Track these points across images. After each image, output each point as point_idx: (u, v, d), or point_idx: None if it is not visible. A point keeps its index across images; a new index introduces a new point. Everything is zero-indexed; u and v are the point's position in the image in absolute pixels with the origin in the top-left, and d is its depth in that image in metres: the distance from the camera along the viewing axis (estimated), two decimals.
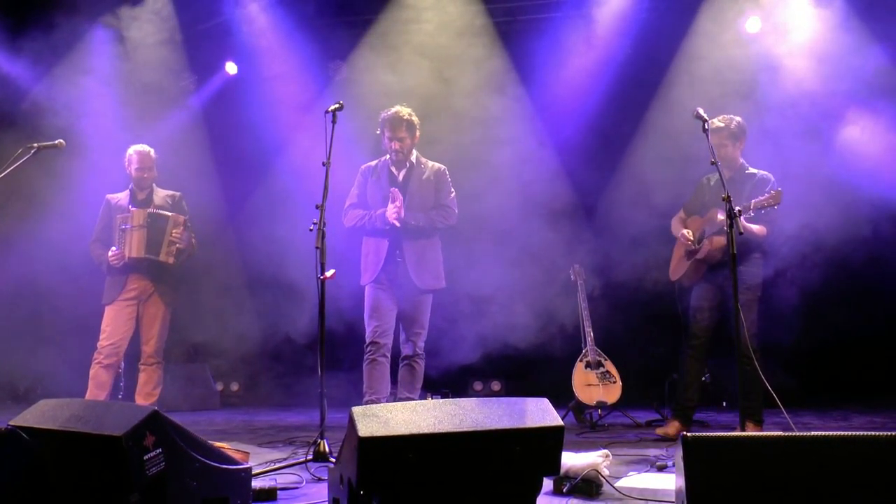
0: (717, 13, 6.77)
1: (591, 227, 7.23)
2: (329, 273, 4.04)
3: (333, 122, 4.26)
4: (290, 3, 7.46)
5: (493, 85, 7.19)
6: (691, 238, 5.04)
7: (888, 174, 6.31)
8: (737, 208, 4.50)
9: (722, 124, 4.92)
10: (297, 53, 7.57)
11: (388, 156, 4.96)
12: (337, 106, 4.32)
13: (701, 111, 4.24)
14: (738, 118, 4.98)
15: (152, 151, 5.46)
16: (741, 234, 3.92)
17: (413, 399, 4.69)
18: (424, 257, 4.88)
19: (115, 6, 7.17)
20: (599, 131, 7.23)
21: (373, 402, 4.61)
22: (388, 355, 4.79)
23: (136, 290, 5.33)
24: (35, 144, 4.68)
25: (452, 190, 5.03)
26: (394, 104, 4.93)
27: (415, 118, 4.91)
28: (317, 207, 4.12)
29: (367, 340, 4.79)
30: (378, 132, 4.97)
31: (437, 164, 5.04)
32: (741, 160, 5.00)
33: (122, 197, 5.44)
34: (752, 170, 5.00)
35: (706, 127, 4.22)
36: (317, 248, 3.99)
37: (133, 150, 5.44)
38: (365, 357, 4.79)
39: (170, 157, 7.04)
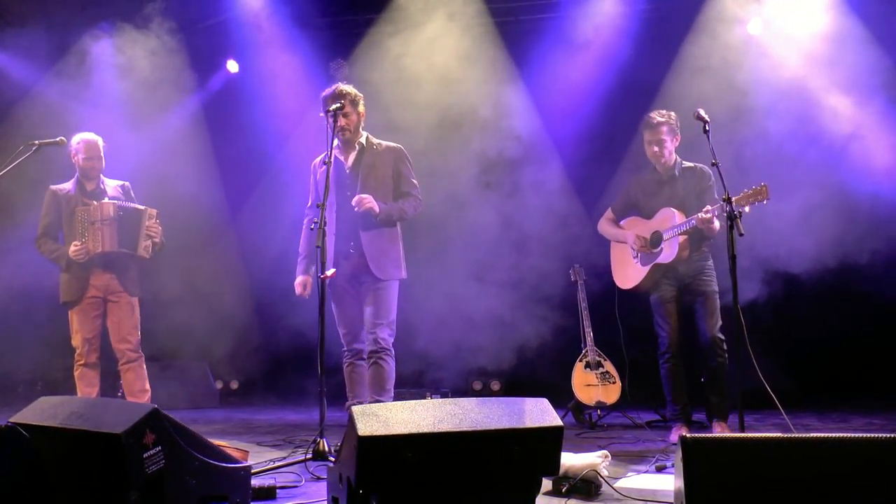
0: (719, 14, 6.77)
1: (592, 226, 7.22)
2: (329, 272, 4.04)
3: (335, 121, 4.25)
4: (292, 1, 7.46)
5: (493, 84, 7.20)
6: (644, 245, 4.83)
7: (889, 174, 6.31)
8: (708, 206, 4.45)
9: (662, 119, 4.76)
10: (299, 52, 7.57)
11: (335, 142, 4.45)
12: (338, 105, 4.30)
13: (702, 112, 4.23)
14: (673, 113, 4.83)
15: (100, 140, 5.15)
16: (742, 234, 3.85)
17: (382, 402, 4.45)
18: (385, 252, 4.49)
19: (117, 5, 7.18)
20: (600, 130, 7.23)
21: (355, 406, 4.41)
22: (365, 357, 4.53)
23: (99, 287, 5.04)
24: (36, 142, 4.67)
25: (414, 174, 4.62)
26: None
27: (356, 92, 4.49)
28: (318, 206, 4.11)
29: (343, 347, 4.57)
30: (321, 115, 4.49)
31: (392, 144, 4.62)
32: (675, 156, 4.86)
33: (68, 188, 5.12)
34: (687, 164, 4.85)
35: (707, 128, 4.20)
36: (317, 246, 3.98)
37: (79, 138, 5.12)
38: (343, 362, 4.57)
39: (170, 156, 7.07)
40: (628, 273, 5.01)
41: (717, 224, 4.47)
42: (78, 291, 5.03)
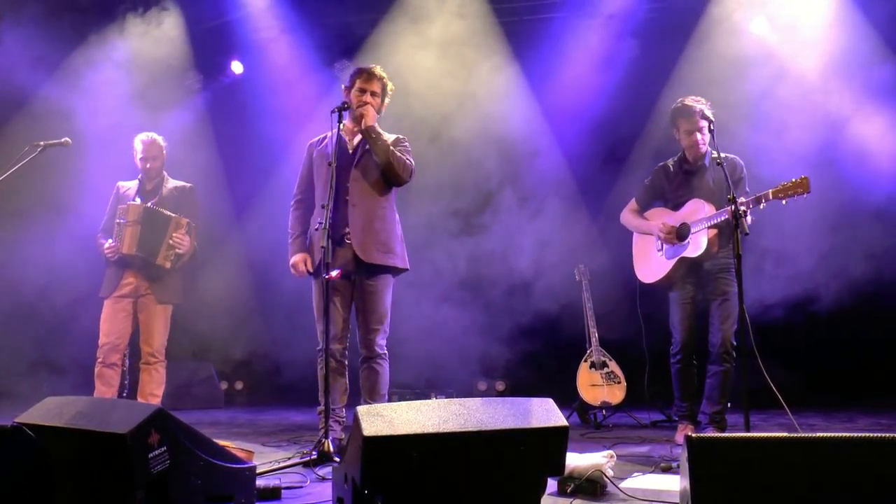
0: (723, 13, 6.76)
1: (596, 226, 7.23)
2: (334, 273, 4.03)
3: (339, 121, 4.24)
4: (296, 2, 7.47)
5: (498, 84, 7.20)
6: (671, 235, 4.55)
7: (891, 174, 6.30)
8: (742, 199, 4.16)
9: (701, 105, 4.45)
10: (303, 53, 7.58)
11: (342, 123, 4.30)
12: (342, 105, 4.30)
13: (706, 111, 4.22)
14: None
15: (160, 139, 5.22)
16: (747, 234, 3.82)
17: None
18: (371, 227, 4.27)
19: (122, 6, 7.19)
20: (605, 129, 7.22)
21: (360, 406, 4.20)
22: (342, 360, 4.33)
23: (130, 287, 5.10)
24: (41, 143, 4.68)
25: (410, 154, 4.42)
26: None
27: (389, 83, 4.42)
28: (322, 207, 4.11)
29: (318, 345, 4.29)
30: (344, 87, 4.42)
31: (398, 135, 4.47)
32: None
33: (131, 186, 5.23)
34: (717, 154, 4.53)
35: (712, 127, 4.18)
36: (322, 247, 3.98)
37: (138, 138, 5.22)
38: (317, 361, 4.32)
39: (176, 156, 7.07)
40: (651, 266, 4.73)
41: (749, 219, 4.21)
42: (111, 287, 5.13)
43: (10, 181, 4.47)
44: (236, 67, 8.03)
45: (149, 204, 5.10)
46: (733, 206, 3.84)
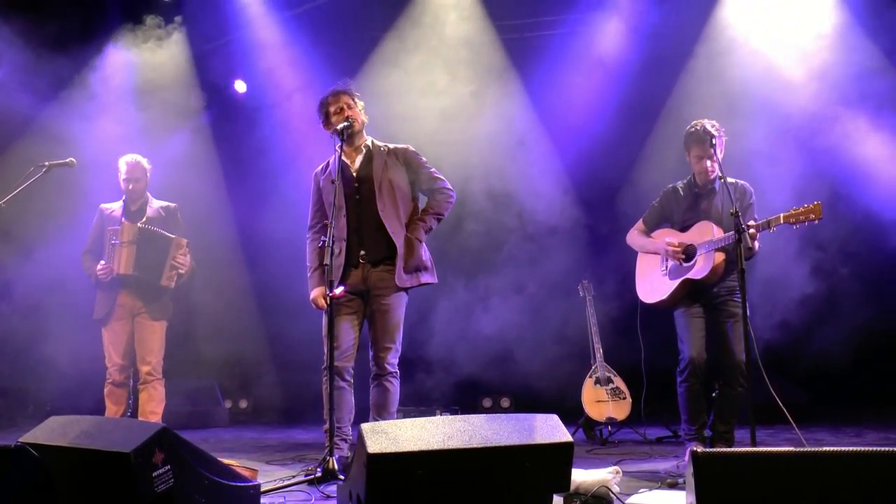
0: (725, 28, 6.78)
1: (600, 241, 7.22)
2: (338, 291, 4.03)
3: (342, 139, 4.25)
4: (300, 20, 7.52)
5: (501, 101, 7.22)
6: (678, 250, 4.44)
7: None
8: (752, 222, 4.12)
9: (714, 132, 4.34)
10: (307, 71, 7.62)
11: (338, 147, 4.22)
12: (345, 124, 4.29)
13: (708, 126, 4.22)
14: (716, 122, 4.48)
15: (144, 161, 5.26)
16: (750, 248, 3.78)
17: None
18: (413, 253, 4.27)
19: (126, 26, 7.25)
20: (607, 146, 7.23)
21: (365, 423, 4.11)
22: (349, 378, 4.26)
23: (126, 307, 5.13)
24: (46, 163, 4.70)
25: (432, 167, 4.44)
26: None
27: (357, 94, 4.40)
28: (326, 225, 4.11)
29: (324, 363, 4.16)
30: (323, 124, 4.41)
31: (398, 145, 4.43)
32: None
33: (115, 208, 5.25)
34: (728, 179, 4.37)
35: (714, 142, 4.18)
36: (326, 265, 3.97)
37: (122, 160, 5.25)
38: (323, 381, 4.19)
39: (180, 176, 7.11)
40: (654, 286, 4.62)
41: (756, 245, 4.14)
42: (106, 309, 5.13)
43: (16, 201, 4.49)
44: (239, 87, 8.07)
45: (140, 224, 5.10)
46: (736, 220, 3.80)
